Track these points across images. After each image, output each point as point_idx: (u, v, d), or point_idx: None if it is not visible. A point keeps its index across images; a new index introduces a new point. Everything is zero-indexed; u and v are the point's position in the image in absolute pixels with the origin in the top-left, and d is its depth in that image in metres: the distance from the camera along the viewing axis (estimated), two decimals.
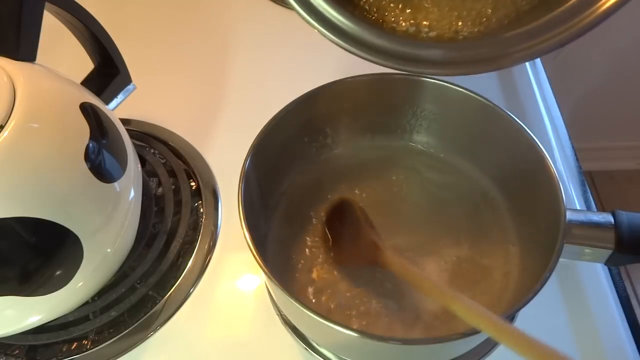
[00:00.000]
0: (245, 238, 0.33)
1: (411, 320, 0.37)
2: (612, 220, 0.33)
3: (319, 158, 0.46)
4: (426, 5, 0.32)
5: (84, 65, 0.46)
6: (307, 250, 0.41)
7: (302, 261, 0.41)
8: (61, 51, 0.51)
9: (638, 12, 0.96)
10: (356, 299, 0.39)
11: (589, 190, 0.48)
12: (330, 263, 0.40)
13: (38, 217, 0.32)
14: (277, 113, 0.40)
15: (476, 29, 0.32)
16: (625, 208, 0.34)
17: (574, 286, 0.42)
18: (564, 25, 0.28)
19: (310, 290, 0.39)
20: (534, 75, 0.58)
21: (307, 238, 0.42)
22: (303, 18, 0.31)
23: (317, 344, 0.40)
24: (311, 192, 0.45)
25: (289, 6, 0.31)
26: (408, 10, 0.32)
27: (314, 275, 0.40)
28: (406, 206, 0.44)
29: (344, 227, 0.41)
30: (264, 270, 0.32)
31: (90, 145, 0.35)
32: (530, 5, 0.31)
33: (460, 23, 0.32)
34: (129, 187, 0.39)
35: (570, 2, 0.29)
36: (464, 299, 0.30)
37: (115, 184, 0.37)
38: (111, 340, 0.41)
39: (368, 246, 0.38)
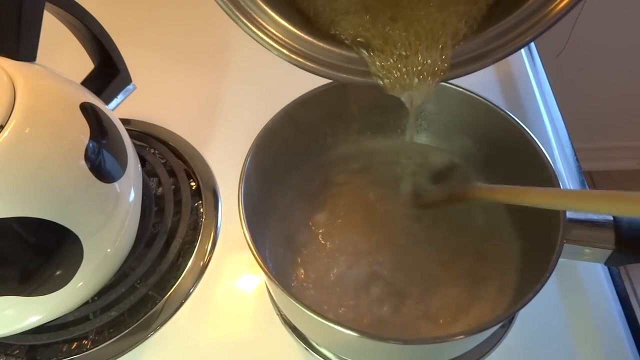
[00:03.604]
0: (246, 238, 0.33)
1: (414, 319, 0.37)
2: (612, 220, 0.33)
3: (319, 158, 0.46)
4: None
5: (84, 65, 0.46)
6: (307, 249, 0.41)
7: (302, 261, 0.41)
8: (61, 51, 0.51)
9: (637, 12, 0.96)
10: (357, 298, 0.39)
11: None
12: (331, 257, 0.41)
13: (38, 217, 0.32)
14: (278, 113, 0.40)
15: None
16: None
17: (574, 286, 0.42)
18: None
19: (310, 289, 0.39)
20: (534, 75, 0.58)
21: (308, 237, 0.42)
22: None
23: (317, 344, 0.40)
24: (311, 192, 0.45)
25: None
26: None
27: (315, 275, 0.40)
28: (406, 205, 0.44)
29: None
30: (264, 270, 0.32)
31: (90, 145, 0.35)
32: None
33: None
34: (129, 187, 0.39)
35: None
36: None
37: (115, 184, 0.37)
38: (111, 340, 0.41)
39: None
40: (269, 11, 0.32)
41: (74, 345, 0.41)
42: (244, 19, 0.31)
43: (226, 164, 0.52)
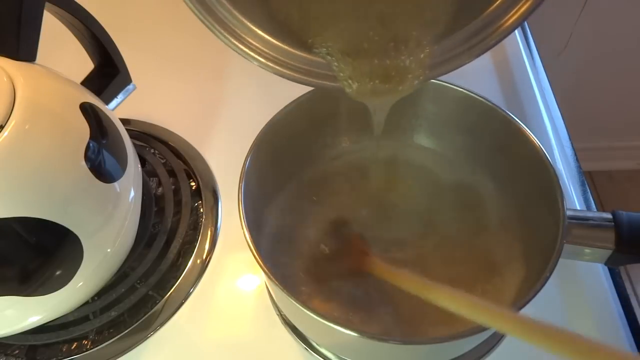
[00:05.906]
0: (245, 238, 0.33)
1: (414, 319, 0.37)
2: (612, 220, 0.33)
3: (319, 157, 0.46)
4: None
5: (84, 65, 0.46)
6: (307, 249, 0.41)
7: (302, 261, 0.41)
8: (61, 51, 0.51)
9: (638, 12, 0.96)
10: (357, 297, 0.39)
11: (589, 190, 0.48)
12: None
13: (38, 217, 0.32)
14: (278, 113, 0.40)
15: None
16: (625, 208, 0.34)
17: (574, 286, 0.42)
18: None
19: (310, 289, 0.39)
20: (534, 75, 0.58)
21: (308, 238, 0.42)
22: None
23: (317, 344, 0.40)
24: (311, 192, 0.45)
25: None
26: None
27: (315, 274, 0.40)
28: (406, 205, 0.44)
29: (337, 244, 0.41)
30: (264, 270, 0.32)
31: (90, 145, 0.35)
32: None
33: None
34: (129, 187, 0.39)
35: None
36: (462, 293, 0.29)
37: (115, 184, 0.37)
38: (111, 340, 0.41)
39: (356, 255, 0.38)
40: (241, 17, 0.32)
41: (74, 345, 0.41)
42: (216, 24, 0.32)
43: (226, 164, 0.52)
